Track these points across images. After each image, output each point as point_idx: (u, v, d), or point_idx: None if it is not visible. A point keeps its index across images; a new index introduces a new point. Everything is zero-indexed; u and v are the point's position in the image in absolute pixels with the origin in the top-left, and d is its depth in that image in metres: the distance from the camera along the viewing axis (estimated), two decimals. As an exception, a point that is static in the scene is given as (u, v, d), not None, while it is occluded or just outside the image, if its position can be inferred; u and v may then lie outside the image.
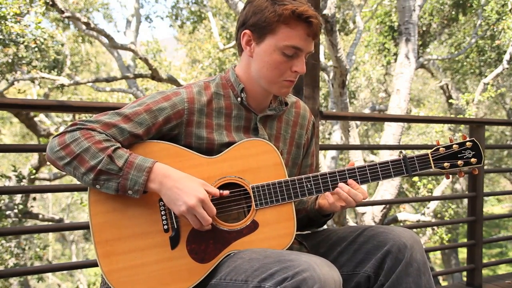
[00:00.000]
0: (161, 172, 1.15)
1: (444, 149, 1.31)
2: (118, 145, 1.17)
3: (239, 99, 1.32)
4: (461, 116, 9.38)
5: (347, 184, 1.27)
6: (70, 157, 1.14)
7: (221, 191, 1.20)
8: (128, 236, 1.18)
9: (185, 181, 1.15)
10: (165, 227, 1.20)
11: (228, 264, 1.17)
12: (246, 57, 1.31)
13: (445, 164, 1.31)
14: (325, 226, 1.46)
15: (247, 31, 1.27)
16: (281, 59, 1.24)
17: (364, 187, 1.33)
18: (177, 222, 1.21)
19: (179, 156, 1.23)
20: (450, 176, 1.35)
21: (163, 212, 1.21)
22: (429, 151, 1.32)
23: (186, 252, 1.20)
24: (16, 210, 7.47)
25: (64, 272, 15.62)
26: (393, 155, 6.00)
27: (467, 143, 1.31)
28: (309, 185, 1.27)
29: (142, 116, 1.22)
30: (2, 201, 7.40)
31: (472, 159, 1.31)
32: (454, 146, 1.31)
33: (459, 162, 1.31)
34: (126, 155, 1.15)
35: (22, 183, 7.15)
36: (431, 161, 1.31)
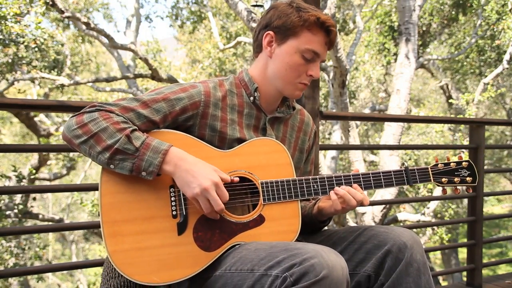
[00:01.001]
0: (176, 155, 1.19)
1: (442, 165, 1.42)
2: (136, 127, 1.21)
3: (251, 98, 1.38)
4: (461, 116, 9.38)
5: (352, 188, 1.32)
6: (87, 135, 1.16)
7: (232, 178, 1.22)
8: (136, 219, 1.20)
9: (200, 165, 1.19)
10: (174, 212, 1.22)
11: (233, 256, 1.18)
12: (264, 57, 1.38)
13: (443, 179, 1.40)
14: (325, 228, 1.47)
15: (270, 32, 1.34)
16: (300, 61, 1.32)
17: (365, 191, 1.40)
18: (186, 209, 1.23)
19: (193, 147, 1.26)
20: (447, 190, 1.44)
21: (173, 198, 1.23)
22: (429, 166, 1.41)
23: (192, 239, 1.21)
24: (16, 210, 7.48)
25: (64, 272, 15.63)
26: (392, 155, 5.99)
27: (463, 163, 1.42)
28: (315, 186, 1.32)
29: (160, 104, 1.25)
30: (2, 201, 7.40)
31: (468, 178, 1.41)
32: (452, 164, 1.42)
33: (456, 179, 1.41)
34: (143, 137, 1.19)
35: (22, 183, 7.15)
36: (431, 175, 1.40)
